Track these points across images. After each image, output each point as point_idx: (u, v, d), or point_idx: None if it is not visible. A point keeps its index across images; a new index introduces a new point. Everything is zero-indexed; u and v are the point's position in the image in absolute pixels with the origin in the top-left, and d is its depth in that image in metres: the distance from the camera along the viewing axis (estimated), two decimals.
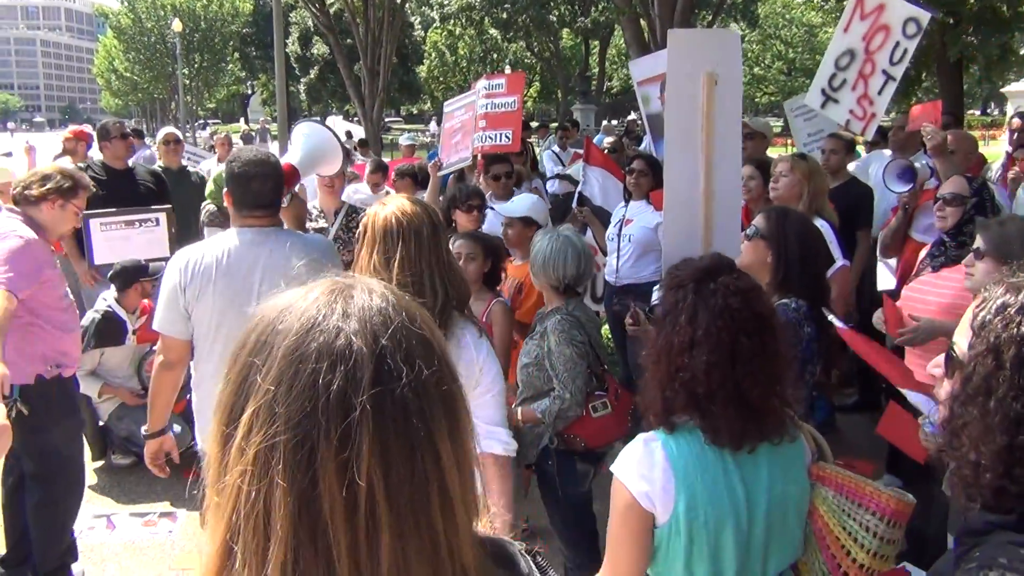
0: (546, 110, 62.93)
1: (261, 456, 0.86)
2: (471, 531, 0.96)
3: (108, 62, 70.79)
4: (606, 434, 3.63)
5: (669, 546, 1.96)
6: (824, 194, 4.67)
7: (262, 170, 3.25)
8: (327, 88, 57.66)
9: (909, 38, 5.77)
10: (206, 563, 0.91)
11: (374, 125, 17.96)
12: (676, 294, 2.08)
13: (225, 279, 3.12)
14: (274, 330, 0.92)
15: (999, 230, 3.16)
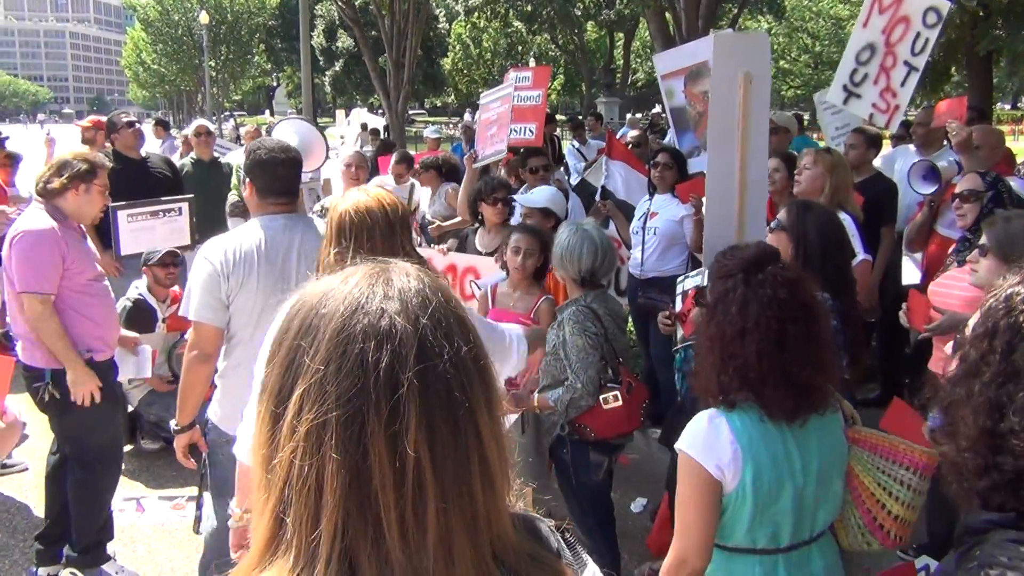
0: (570, 103, 62.82)
1: (313, 433, 0.91)
2: (507, 502, 1.00)
3: (136, 54, 71.54)
4: (616, 426, 3.67)
5: (735, 511, 2.15)
6: (847, 188, 4.67)
7: (287, 156, 3.34)
8: (351, 80, 57.90)
9: (930, 28, 5.76)
10: (258, 535, 0.97)
11: (399, 117, 18.06)
12: (726, 283, 2.24)
13: (267, 265, 3.16)
14: (318, 314, 0.96)
15: (1004, 227, 3.16)
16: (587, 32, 54.38)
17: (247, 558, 0.98)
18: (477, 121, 7.33)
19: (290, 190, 3.37)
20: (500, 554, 0.98)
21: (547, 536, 1.12)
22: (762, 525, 2.16)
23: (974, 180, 3.91)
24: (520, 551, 1.01)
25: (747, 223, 3.25)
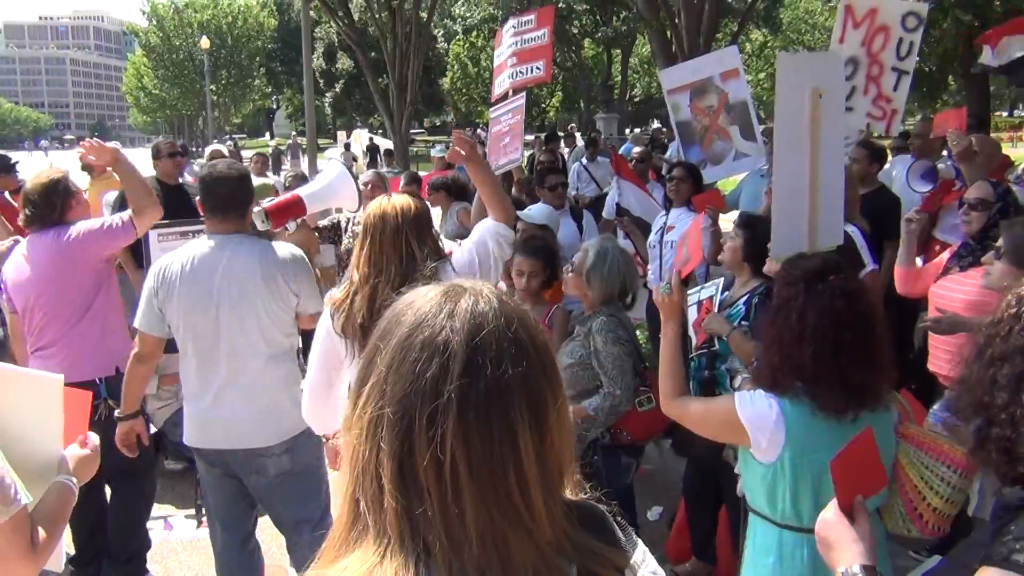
0: (569, 120, 63.11)
1: (372, 422, 1.06)
2: (553, 504, 1.11)
3: (137, 80, 72.07)
4: (651, 427, 3.84)
5: (775, 482, 2.42)
6: (854, 201, 4.80)
7: (225, 175, 3.51)
8: (352, 102, 58.25)
9: (911, 31, 5.90)
10: (340, 511, 1.12)
11: (402, 138, 18.24)
12: (789, 291, 2.47)
13: (187, 284, 3.42)
14: (397, 320, 1.10)
15: (1021, 232, 3.27)
16: (584, 49, 54.73)
17: (333, 532, 1.12)
18: (488, 135, 7.46)
19: (227, 209, 3.51)
20: (560, 547, 1.10)
21: (609, 524, 1.22)
22: (806, 503, 2.38)
23: (985, 189, 4.01)
24: (573, 540, 1.12)
25: (822, 229, 3.46)
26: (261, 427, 3.52)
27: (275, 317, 3.49)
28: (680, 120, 6.47)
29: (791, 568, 2.42)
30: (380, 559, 1.04)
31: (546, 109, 60.93)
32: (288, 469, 3.58)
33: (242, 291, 3.41)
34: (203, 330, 3.47)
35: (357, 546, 1.08)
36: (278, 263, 3.47)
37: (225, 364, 3.50)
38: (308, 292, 3.56)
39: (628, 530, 1.24)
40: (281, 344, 3.56)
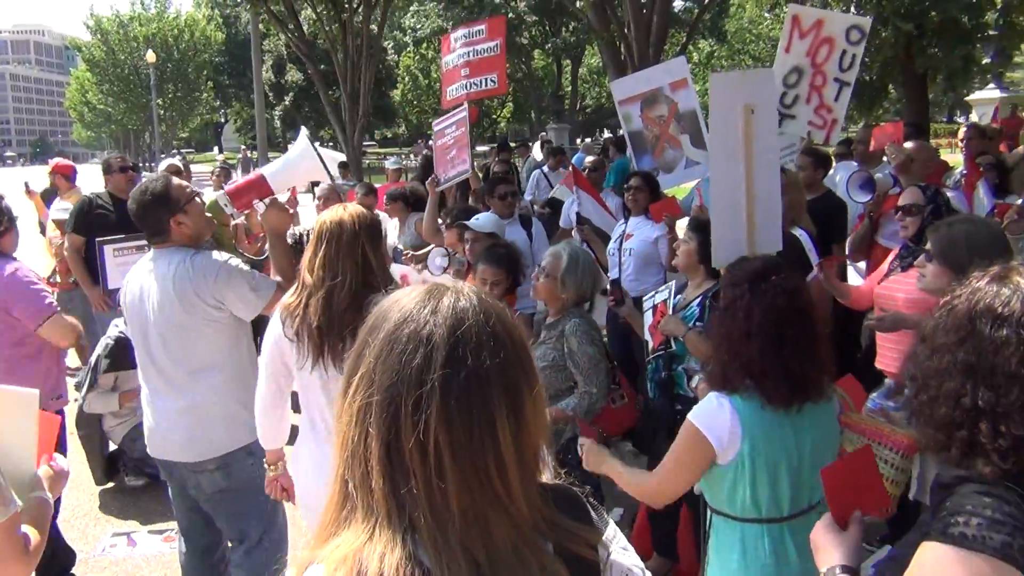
0: (520, 130, 63.37)
1: (362, 409, 1.15)
2: (527, 486, 1.20)
3: (81, 95, 70.73)
4: (623, 422, 4.00)
5: (736, 479, 2.50)
6: (800, 206, 4.97)
7: (135, 205, 3.50)
8: (301, 115, 57.79)
9: (855, 44, 6.16)
10: (332, 489, 1.21)
11: (355, 150, 18.20)
12: (734, 291, 2.60)
13: (130, 297, 3.55)
14: (384, 316, 1.20)
15: (947, 232, 3.39)
16: (534, 60, 55.05)
17: (325, 513, 1.21)
18: (433, 147, 7.52)
19: (146, 227, 3.53)
20: (537, 526, 1.19)
21: (583, 504, 1.31)
22: (764, 494, 2.50)
23: (915, 194, 4.20)
24: (549, 520, 1.22)
25: (758, 236, 3.63)
26: (191, 442, 3.49)
27: (195, 331, 3.44)
28: (632, 130, 6.61)
29: (755, 560, 2.52)
30: (369, 536, 1.13)
31: (497, 120, 61.10)
32: (224, 486, 3.55)
33: (160, 306, 3.41)
34: (139, 344, 3.56)
35: (347, 525, 1.16)
36: (191, 276, 3.38)
37: (157, 376, 3.53)
38: (236, 299, 3.45)
39: (600, 510, 1.33)
40: (207, 357, 3.49)
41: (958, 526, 1.43)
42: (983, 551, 1.38)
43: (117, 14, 63.54)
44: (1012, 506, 1.41)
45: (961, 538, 1.41)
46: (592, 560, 1.24)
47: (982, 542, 1.39)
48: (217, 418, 3.48)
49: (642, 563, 1.33)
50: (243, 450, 3.53)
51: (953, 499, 1.48)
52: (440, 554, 1.11)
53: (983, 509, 1.42)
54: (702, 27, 47.99)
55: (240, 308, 3.48)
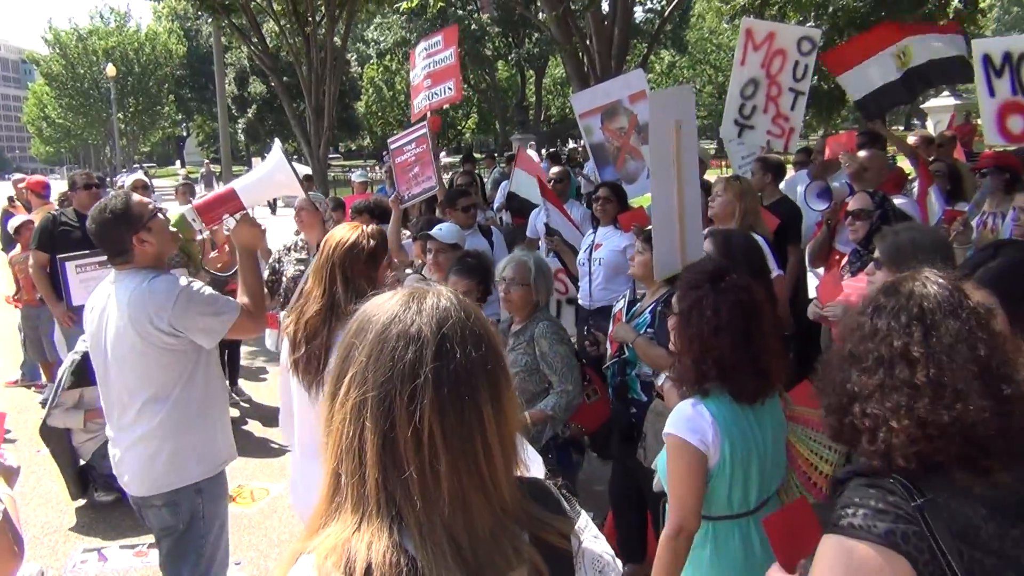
0: (485, 141, 63.55)
1: (356, 407, 1.23)
2: (509, 473, 1.30)
3: (39, 109, 69.71)
4: (599, 417, 4.11)
5: (717, 482, 2.60)
6: (756, 212, 5.12)
7: (94, 223, 3.35)
8: (264, 127, 57.46)
9: (806, 55, 6.36)
10: (323, 483, 1.28)
11: (320, 163, 18.18)
12: (697, 292, 2.70)
13: (89, 320, 3.47)
14: (368, 319, 1.29)
15: (893, 240, 3.51)
16: (499, 71, 55.29)
17: (316, 507, 1.29)
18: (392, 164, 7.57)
19: (106, 248, 3.39)
20: (508, 511, 1.28)
21: (556, 496, 1.40)
22: (737, 490, 2.62)
23: (864, 200, 4.37)
24: (525, 511, 1.31)
25: (688, 245, 3.76)
26: (140, 475, 3.35)
27: (147, 359, 3.27)
28: (593, 142, 6.74)
29: (726, 554, 2.63)
30: (358, 526, 1.21)
31: (462, 131, 61.26)
32: (170, 524, 3.40)
33: (116, 332, 3.29)
34: (100, 370, 3.43)
35: (336, 517, 1.24)
36: (148, 302, 3.22)
37: (112, 406, 3.41)
38: (195, 327, 3.28)
39: (573, 501, 1.42)
40: (163, 389, 3.32)
41: (847, 517, 1.54)
42: (868, 538, 1.50)
43: (76, 28, 62.78)
44: (896, 496, 1.52)
45: (849, 528, 1.53)
46: (564, 549, 1.33)
47: (867, 531, 1.50)
48: (165, 454, 3.32)
49: (612, 551, 1.41)
50: (191, 488, 3.38)
51: (845, 493, 1.60)
52: (425, 539, 1.19)
53: (868, 500, 1.54)
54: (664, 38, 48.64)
55: (200, 335, 3.31)
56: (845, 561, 1.51)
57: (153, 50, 61.33)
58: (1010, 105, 5.22)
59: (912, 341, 1.59)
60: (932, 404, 1.54)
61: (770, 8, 18.75)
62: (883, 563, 1.47)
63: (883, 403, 1.58)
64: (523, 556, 1.25)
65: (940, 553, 1.46)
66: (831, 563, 1.54)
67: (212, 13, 17.63)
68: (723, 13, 23.76)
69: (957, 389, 1.53)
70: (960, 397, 1.53)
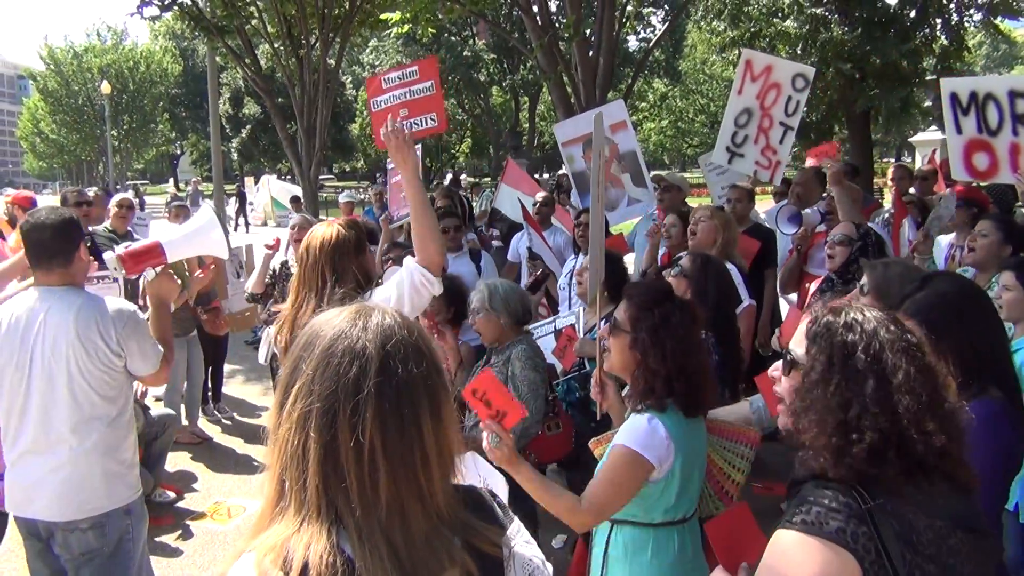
0: (478, 165, 63.84)
1: (301, 418, 1.29)
2: (445, 481, 1.38)
3: (33, 124, 69.83)
4: (555, 451, 4.12)
5: (664, 493, 2.66)
6: (735, 243, 5.22)
7: (43, 223, 3.29)
8: (258, 147, 57.68)
9: (799, 91, 6.48)
10: (268, 489, 1.35)
11: (311, 184, 18.29)
12: (661, 310, 2.76)
13: (5, 338, 3.24)
14: (316, 335, 1.36)
15: (883, 271, 3.60)
16: (492, 96, 55.66)
17: (261, 510, 1.36)
18: (389, 184, 7.66)
19: (47, 259, 3.29)
20: (442, 518, 1.35)
21: (489, 504, 1.48)
22: (682, 502, 2.71)
23: (848, 228, 4.47)
24: (459, 518, 1.38)
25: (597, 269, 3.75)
26: (63, 499, 3.23)
27: (91, 377, 3.23)
28: (575, 170, 6.84)
29: (665, 558, 2.71)
30: (298, 527, 1.28)
31: (456, 155, 61.57)
32: (95, 548, 3.29)
33: (55, 347, 3.19)
34: (14, 387, 3.26)
35: (279, 519, 1.31)
36: (98, 319, 3.22)
37: (32, 425, 3.25)
38: (138, 351, 3.30)
39: (507, 509, 1.50)
40: (97, 407, 3.27)
41: (800, 514, 1.64)
42: (819, 535, 1.59)
43: (72, 45, 63.10)
44: (848, 498, 1.62)
45: (802, 524, 1.62)
46: (496, 556, 1.40)
47: (819, 528, 1.59)
48: (97, 474, 3.26)
49: (542, 555, 1.48)
50: (121, 510, 3.34)
51: (801, 493, 1.70)
52: (364, 542, 1.26)
53: (822, 499, 1.63)
54: (656, 66, 49.10)
55: (138, 362, 3.32)
56: (795, 554, 1.61)
57: (148, 68, 61.69)
58: (976, 143, 5.35)
59: (861, 372, 1.70)
60: (881, 424, 1.65)
61: (760, 40, 19.03)
62: (832, 557, 1.56)
63: (851, 423, 1.68)
64: (455, 559, 1.32)
65: (885, 555, 1.56)
66: (781, 556, 1.64)
67: (207, 35, 17.76)
68: (714, 44, 24.04)
69: (907, 412, 1.65)
70: (907, 420, 1.64)
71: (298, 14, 17.20)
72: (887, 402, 1.66)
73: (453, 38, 46.58)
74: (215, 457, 7.06)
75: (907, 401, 1.65)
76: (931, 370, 1.72)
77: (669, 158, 66.67)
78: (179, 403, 7.16)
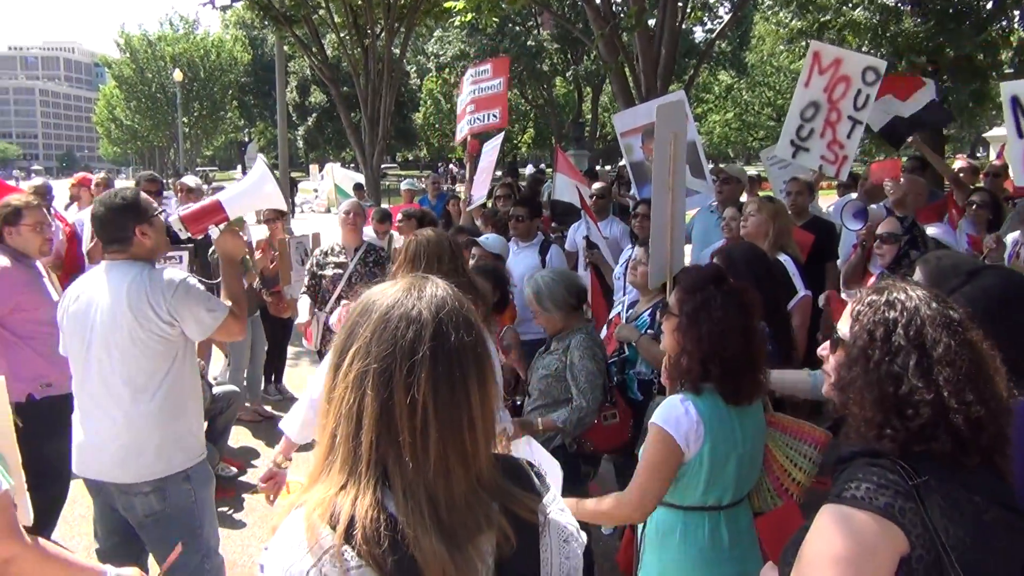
0: (540, 156, 63.80)
1: (359, 377, 1.38)
2: (487, 446, 1.45)
3: (108, 111, 71.92)
4: (612, 441, 4.16)
5: (692, 476, 2.69)
6: (788, 233, 5.18)
7: (102, 204, 3.48)
8: (324, 136, 58.58)
9: (869, 85, 6.34)
10: (319, 449, 1.44)
11: (374, 172, 18.51)
12: (703, 294, 2.79)
13: (73, 308, 3.47)
14: (373, 302, 1.45)
15: (936, 264, 3.58)
16: (556, 87, 55.55)
17: (313, 466, 1.44)
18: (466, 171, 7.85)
19: (106, 237, 3.48)
20: (482, 482, 1.43)
21: (527, 473, 1.55)
22: (713, 488, 2.71)
23: (893, 224, 4.42)
24: (496, 483, 1.45)
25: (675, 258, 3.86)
26: (124, 463, 3.38)
27: (145, 346, 3.36)
28: (633, 161, 6.84)
29: (693, 544, 2.73)
30: (344, 482, 1.37)
31: (518, 145, 61.65)
32: (157, 510, 3.42)
33: (112, 319, 3.34)
34: (79, 357, 3.45)
35: (328, 474, 1.40)
36: (149, 290, 3.34)
37: (94, 392, 3.43)
38: (191, 317, 3.40)
39: (544, 479, 1.57)
40: (152, 376, 3.40)
41: (849, 490, 1.69)
42: (868, 509, 1.65)
43: (146, 33, 64.78)
44: (895, 475, 1.68)
45: (851, 499, 1.68)
46: (531, 522, 1.47)
47: (868, 502, 1.66)
48: (154, 441, 3.38)
49: (577, 523, 1.55)
50: (180, 475, 3.45)
51: (848, 470, 1.76)
52: (407, 499, 1.34)
53: (871, 476, 1.69)
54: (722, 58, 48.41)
55: (192, 327, 3.42)
56: (845, 527, 1.67)
57: (218, 57, 62.98)
58: None
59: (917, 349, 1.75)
60: (928, 399, 1.71)
61: (829, 31, 18.65)
62: (880, 531, 1.63)
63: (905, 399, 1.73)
64: (493, 522, 1.39)
65: (932, 528, 1.62)
66: (831, 529, 1.69)
67: (275, 24, 18.09)
68: (781, 36, 23.59)
69: (947, 384, 1.71)
70: (947, 392, 1.70)
71: (364, 4, 17.41)
72: (928, 376, 1.72)
73: (517, 28, 46.56)
74: (276, 435, 7.18)
75: (947, 373, 1.71)
76: (972, 345, 1.77)
77: (734, 151, 65.78)
78: (242, 381, 7.35)
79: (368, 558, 1.30)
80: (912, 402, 1.71)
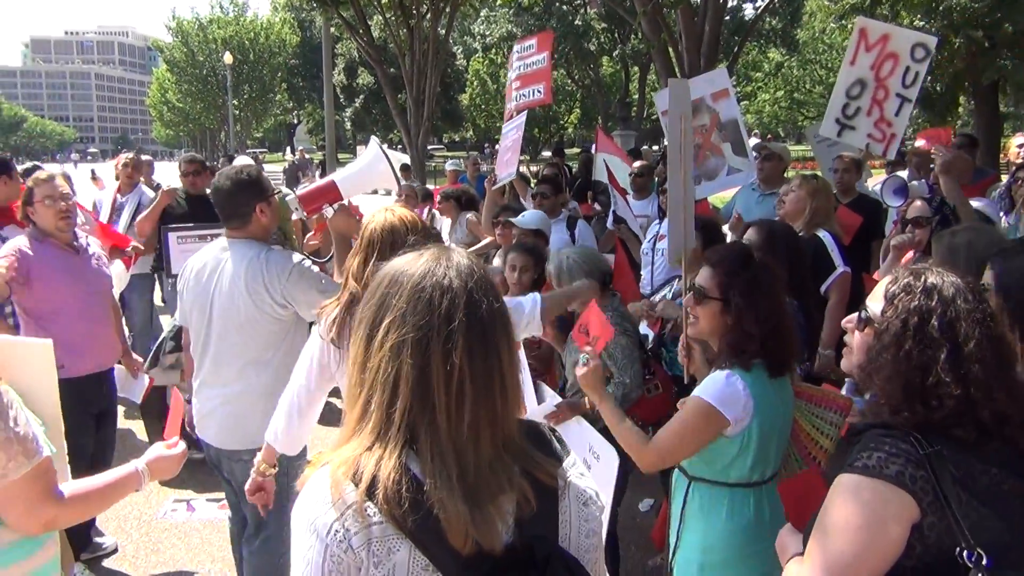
0: (587, 136, 63.47)
1: (396, 347, 1.42)
2: (516, 410, 1.51)
3: (161, 94, 73.16)
4: (659, 411, 4.15)
5: (741, 453, 2.70)
6: (828, 211, 5.11)
7: (219, 186, 3.62)
8: (371, 117, 58.89)
9: (919, 62, 6.19)
10: (351, 416, 1.49)
11: (419, 152, 18.63)
12: (747, 274, 2.76)
13: (193, 281, 3.68)
14: (402, 274, 1.48)
15: (949, 240, 3.47)
16: (603, 67, 55.14)
17: (343, 429, 1.50)
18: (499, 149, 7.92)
19: (226, 216, 3.63)
20: (507, 446, 1.47)
21: (549, 439, 1.60)
22: (759, 463, 2.73)
23: (922, 207, 4.35)
24: (520, 448, 1.50)
25: (688, 233, 3.86)
26: (228, 430, 3.61)
27: (258, 324, 3.53)
28: None
29: (741, 519, 2.75)
30: (371, 444, 1.42)
31: (564, 125, 61.39)
32: None
33: (230, 299, 3.53)
34: (198, 328, 3.68)
35: (358, 436, 1.46)
36: (264, 272, 3.49)
37: (209, 361, 3.65)
38: (304, 300, 3.51)
39: (564, 444, 1.61)
40: (262, 352, 3.59)
41: (862, 459, 1.74)
42: (880, 476, 1.70)
43: (197, 17, 65.67)
44: (907, 444, 1.72)
45: (864, 468, 1.73)
46: (551, 486, 1.51)
47: (880, 471, 1.71)
48: (258, 412, 3.48)
49: (596, 487, 1.59)
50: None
51: (861, 441, 1.80)
52: (435, 462, 1.39)
53: (883, 446, 1.74)
54: (773, 35, 47.58)
55: (305, 308, 3.53)
56: (858, 494, 1.72)
57: (267, 39, 63.57)
58: None
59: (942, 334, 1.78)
60: (956, 392, 1.74)
61: (881, 7, 18.21)
62: (892, 498, 1.69)
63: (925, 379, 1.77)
64: (514, 484, 1.44)
65: (942, 495, 1.67)
66: (844, 498, 1.75)
67: (322, 6, 18.24)
68: (832, 12, 23.08)
69: (976, 380, 1.75)
70: (975, 387, 1.74)
71: None
72: (957, 371, 1.74)
73: (564, 7, 46.25)
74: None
75: (976, 369, 1.74)
76: (1002, 340, 1.81)
77: (784, 130, 64.79)
78: None
79: (388, 516, 1.35)
80: (938, 394, 1.75)
